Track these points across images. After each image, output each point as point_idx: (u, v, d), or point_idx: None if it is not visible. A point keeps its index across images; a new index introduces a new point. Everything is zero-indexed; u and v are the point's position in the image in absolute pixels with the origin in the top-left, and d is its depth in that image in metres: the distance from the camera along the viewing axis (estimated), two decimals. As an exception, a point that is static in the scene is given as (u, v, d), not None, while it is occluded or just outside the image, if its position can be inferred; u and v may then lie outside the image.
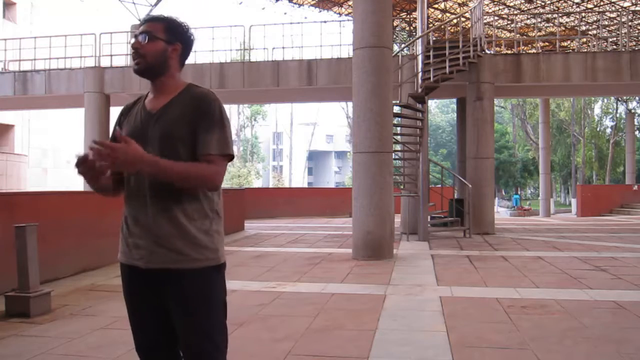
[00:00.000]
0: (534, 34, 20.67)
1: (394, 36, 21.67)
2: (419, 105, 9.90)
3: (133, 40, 1.81)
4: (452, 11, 21.14)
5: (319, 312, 4.30)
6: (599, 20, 19.93)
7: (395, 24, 21.43)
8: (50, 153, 28.03)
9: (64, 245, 5.90)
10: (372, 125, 7.33)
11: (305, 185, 52.26)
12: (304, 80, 12.74)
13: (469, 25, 11.54)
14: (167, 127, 1.75)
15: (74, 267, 6.04)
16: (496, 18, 18.94)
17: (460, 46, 10.54)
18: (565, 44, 24.00)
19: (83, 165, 1.65)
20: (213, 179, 1.73)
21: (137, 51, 1.79)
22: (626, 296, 4.80)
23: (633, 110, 33.68)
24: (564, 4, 20.86)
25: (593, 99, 39.16)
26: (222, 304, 1.82)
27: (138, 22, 16.48)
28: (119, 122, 1.92)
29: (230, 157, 1.78)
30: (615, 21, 20.34)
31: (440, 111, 59.61)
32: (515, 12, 21.00)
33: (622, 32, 13.91)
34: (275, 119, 52.86)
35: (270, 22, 17.12)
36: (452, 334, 3.64)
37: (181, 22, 1.87)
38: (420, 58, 10.24)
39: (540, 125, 26.01)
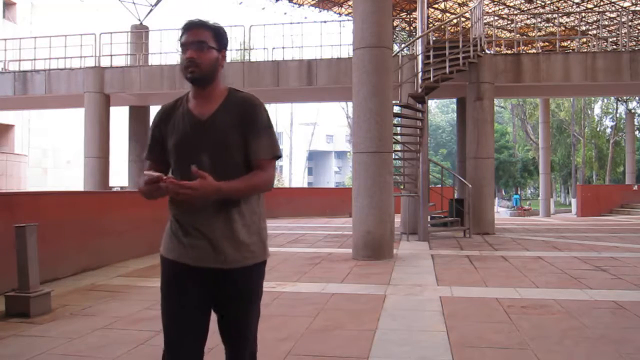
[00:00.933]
0: (534, 34, 20.68)
1: (394, 36, 21.67)
2: (419, 105, 9.90)
3: (186, 50, 1.83)
4: (452, 11, 21.14)
5: (319, 312, 4.29)
6: (599, 20, 19.94)
7: (395, 24, 21.43)
8: (50, 153, 28.04)
9: (64, 245, 5.90)
10: (372, 125, 7.33)
11: (305, 185, 52.26)
12: (304, 80, 12.74)
13: (469, 25, 11.54)
14: (220, 134, 1.81)
15: (74, 267, 6.04)
16: (496, 18, 18.95)
17: (460, 46, 10.54)
18: (565, 44, 24.00)
19: (152, 185, 1.72)
20: (269, 182, 1.88)
21: (194, 61, 1.81)
22: (626, 296, 4.80)
23: (633, 110, 33.67)
24: (564, 4, 20.87)
25: (593, 99, 39.16)
26: (261, 293, 1.99)
27: (138, 22, 16.50)
28: (160, 128, 1.92)
29: (279, 157, 1.92)
30: (615, 21, 20.34)
31: (440, 111, 59.61)
32: (515, 12, 21.01)
33: (622, 32, 13.91)
34: (275, 119, 52.63)
35: (270, 22, 17.12)
36: (452, 334, 3.64)
37: (223, 28, 1.92)
38: (420, 58, 10.24)
39: (540, 125, 26.02)
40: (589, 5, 20.79)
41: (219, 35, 1.87)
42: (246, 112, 1.84)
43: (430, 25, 16.83)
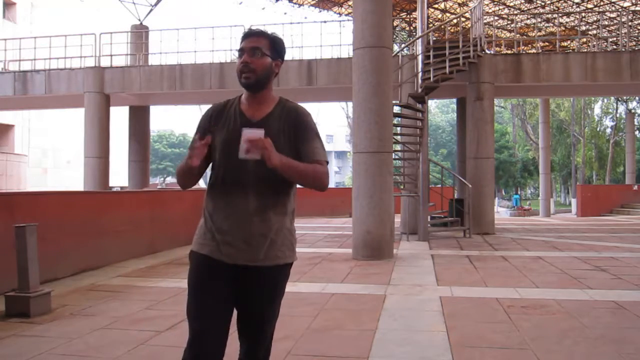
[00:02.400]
0: (534, 34, 20.67)
1: (394, 36, 21.67)
2: (419, 105, 9.90)
3: (242, 55, 1.92)
4: (452, 11, 21.14)
5: (319, 312, 4.30)
6: (599, 20, 19.94)
7: (395, 24, 21.43)
8: (50, 153, 28.05)
9: (64, 245, 5.90)
10: (372, 125, 7.33)
11: (305, 185, 52.15)
12: (304, 80, 12.74)
13: (469, 25, 11.53)
14: (272, 137, 1.83)
15: (74, 267, 6.04)
16: (496, 18, 18.95)
17: (460, 46, 10.54)
18: (565, 44, 24.00)
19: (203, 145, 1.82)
20: (326, 179, 1.95)
21: (248, 65, 1.90)
22: (626, 296, 4.80)
23: (633, 110, 33.68)
24: (564, 4, 20.87)
25: (593, 99, 39.15)
26: (283, 295, 2.07)
27: (138, 22, 16.50)
28: (209, 120, 1.99)
29: (327, 163, 2.00)
30: (615, 21, 20.34)
31: (440, 111, 59.61)
32: (515, 12, 21.01)
33: (622, 32, 13.91)
34: (275, 119, 52.80)
35: (270, 22, 17.15)
36: (452, 334, 3.64)
37: (281, 39, 2.00)
38: (420, 58, 10.24)
39: (540, 125, 26.01)
40: (589, 5, 20.79)
41: (275, 45, 1.96)
42: (298, 121, 1.95)
43: (430, 25, 16.83)
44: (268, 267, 1.92)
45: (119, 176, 19.42)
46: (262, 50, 1.92)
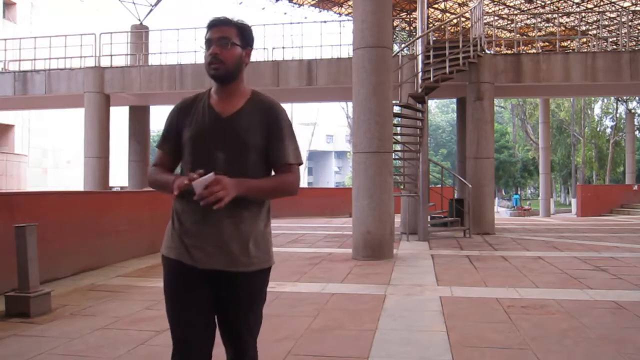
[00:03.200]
0: (534, 34, 20.67)
1: (394, 36, 21.67)
2: (419, 105, 9.89)
3: (210, 46, 1.82)
4: (452, 11, 21.14)
5: (319, 312, 4.29)
6: (599, 20, 19.94)
7: (395, 24, 21.43)
8: (50, 153, 28.04)
9: (64, 245, 5.90)
10: (372, 125, 7.33)
11: (305, 185, 52.25)
12: (304, 80, 12.73)
13: (469, 25, 11.53)
14: (242, 134, 1.80)
15: (74, 267, 6.04)
16: (496, 18, 18.95)
17: (460, 46, 10.54)
18: (565, 44, 24.00)
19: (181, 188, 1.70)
20: (295, 187, 1.86)
21: (217, 57, 1.80)
22: (626, 296, 4.80)
23: (633, 110, 33.67)
24: (564, 4, 20.87)
25: (593, 99, 39.15)
26: (264, 299, 1.97)
27: (138, 22, 16.50)
28: (178, 118, 1.90)
29: (301, 164, 1.91)
30: (615, 21, 20.34)
31: (440, 111, 59.61)
32: (515, 12, 21.01)
33: (622, 32, 13.90)
34: (275, 119, 52.80)
35: (270, 22, 17.15)
36: (452, 334, 3.64)
37: (249, 26, 1.90)
38: (420, 58, 10.24)
39: (540, 125, 26.01)
40: (589, 5, 20.79)
41: (243, 32, 1.86)
42: (271, 117, 1.84)
43: (430, 25, 16.83)
44: (242, 273, 1.82)
45: (119, 176, 19.41)
46: (230, 39, 1.82)
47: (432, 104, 49.32)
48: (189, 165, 1.83)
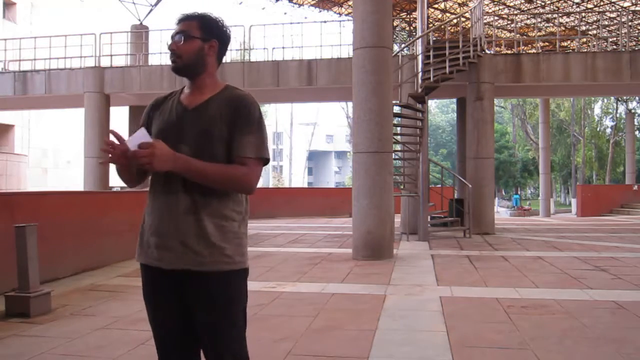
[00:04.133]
0: (534, 34, 20.67)
1: (394, 36, 21.67)
2: (419, 105, 9.89)
3: (169, 42, 1.82)
4: (452, 11, 21.14)
5: (319, 312, 4.29)
6: (599, 20, 19.93)
7: (395, 24, 21.42)
8: (50, 153, 28.02)
9: (64, 245, 5.90)
10: (372, 125, 7.33)
11: (305, 185, 52.25)
12: (304, 80, 12.73)
13: (469, 25, 11.54)
14: (206, 124, 1.73)
15: (74, 267, 6.04)
16: (496, 18, 18.95)
17: (460, 46, 10.54)
18: (565, 44, 23.99)
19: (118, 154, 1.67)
20: (248, 181, 1.73)
21: (174, 52, 1.79)
22: (626, 296, 4.80)
23: (633, 110, 33.67)
24: (564, 4, 20.87)
25: (593, 99, 39.14)
26: (242, 311, 1.80)
27: (138, 22, 16.50)
28: (149, 115, 1.88)
29: (266, 161, 1.77)
30: (615, 21, 20.33)
31: (440, 111, 59.60)
32: (515, 12, 21.00)
33: (622, 32, 13.90)
34: (275, 119, 52.83)
35: (270, 22, 17.13)
36: (452, 334, 3.64)
37: (216, 18, 1.84)
38: (420, 58, 10.24)
39: (540, 125, 26.01)
40: (589, 5, 20.78)
41: (204, 25, 1.80)
42: (238, 108, 1.75)
43: (430, 25, 16.83)
44: (211, 273, 1.70)
45: (119, 176, 19.37)
46: (187, 33, 1.78)
47: (432, 104, 49.32)
48: None
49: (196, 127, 1.74)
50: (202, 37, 1.80)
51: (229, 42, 1.89)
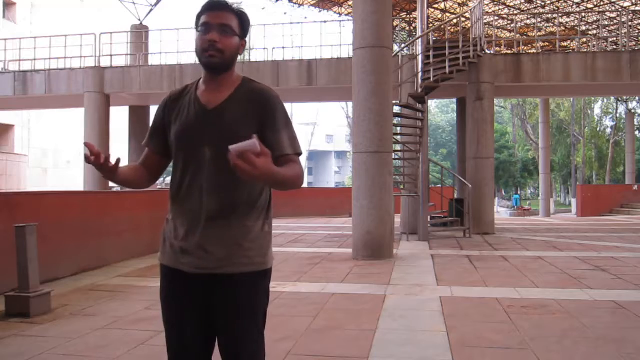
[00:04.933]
0: (534, 34, 20.67)
1: (394, 36, 21.67)
2: (419, 105, 9.89)
3: (207, 32, 1.65)
4: (452, 11, 21.14)
5: (319, 312, 4.29)
6: (599, 20, 19.94)
7: (395, 24, 21.42)
8: (50, 153, 28.04)
9: (64, 245, 5.90)
10: (372, 125, 7.33)
11: (305, 185, 52.22)
12: (304, 80, 12.74)
13: (469, 25, 11.53)
14: (229, 125, 1.65)
15: (74, 267, 6.04)
16: (496, 18, 18.95)
17: (460, 46, 10.54)
18: (565, 44, 23.99)
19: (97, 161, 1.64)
20: (301, 179, 1.66)
21: (215, 45, 1.64)
22: (626, 296, 4.80)
23: (633, 110, 33.68)
24: (564, 4, 20.87)
25: (593, 99, 39.16)
26: (262, 313, 1.76)
27: (138, 22, 16.49)
28: (165, 110, 1.77)
29: (301, 154, 1.73)
30: (615, 21, 20.33)
31: (440, 111, 59.60)
32: (515, 12, 21.00)
33: (622, 32, 13.91)
34: (275, 119, 52.81)
35: (270, 22, 17.12)
36: (452, 334, 3.64)
37: (248, 15, 1.75)
38: (420, 58, 10.24)
39: (540, 125, 26.02)
40: (589, 5, 20.79)
41: (243, 23, 1.71)
42: (263, 104, 1.67)
43: (430, 25, 16.83)
44: (231, 276, 1.66)
45: (119, 176, 19.37)
46: (231, 27, 1.65)
47: (432, 104, 49.33)
48: (177, 165, 1.71)
49: (219, 128, 1.66)
50: (240, 34, 1.71)
51: None
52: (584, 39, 21.93)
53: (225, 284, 1.68)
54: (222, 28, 1.65)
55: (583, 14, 20.97)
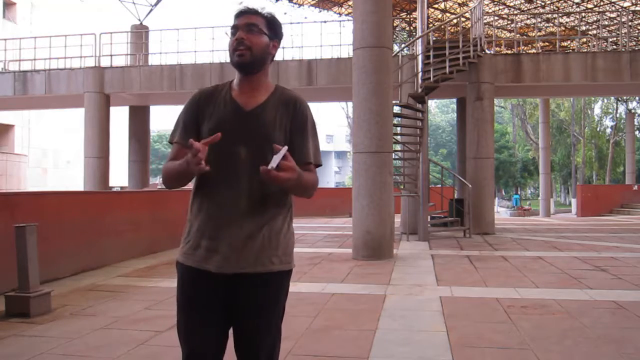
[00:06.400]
0: (534, 34, 20.67)
1: (394, 36, 21.66)
2: (419, 105, 9.90)
3: (234, 32, 1.73)
4: (452, 11, 21.13)
5: (319, 312, 4.29)
6: (599, 20, 19.93)
7: (395, 24, 21.41)
8: (50, 153, 28.04)
9: (64, 245, 5.90)
10: (372, 125, 7.33)
11: (305, 185, 52.15)
12: (304, 80, 12.73)
13: (469, 25, 11.53)
14: (265, 129, 1.70)
15: (74, 267, 6.04)
16: (496, 18, 18.95)
17: (460, 46, 10.54)
18: (565, 44, 23.99)
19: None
20: (316, 189, 1.76)
21: (243, 42, 1.70)
22: (626, 296, 4.80)
23: (633, 110, 33.67)
24: (564, 4, 20.86)
25: (593, 99, 39.16)
26: (283, 309, 1.83)
27: (138, 22, 16.49)
28: (199, 107, 1.77)
29: (320, 166, 1.81)
30: (615, 21, 20.33)
31: (440, 111, 59.60)
32: (515, 12, 21.00)
33: (622, 32, 13.90)
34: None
35: (270, 22, 17.09)
36: (452, 334, 3.64)
37: (279, 20, 1.81)
38: (420, 58, 10.24)
39: (540, 125, 26.01)
40: (589, 5, 20.78)
41: (271, 23, 1.77)
42: (296, 113, 1.75)
43: (430, 25, 16.83)
44: (258, 275, 1.69)
45: (119, 176, 19.41)
46: (258, 26, 1.72)
47: (432, 104, 49.33)
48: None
49: (256, 130, 1.71)
50: (270, 34, 1.76)
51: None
52: (584, 39, 21.93)
53: (253, 283, 1.70)
54: (249, 27, 1.72)
55: (583, 14, 20.96)
